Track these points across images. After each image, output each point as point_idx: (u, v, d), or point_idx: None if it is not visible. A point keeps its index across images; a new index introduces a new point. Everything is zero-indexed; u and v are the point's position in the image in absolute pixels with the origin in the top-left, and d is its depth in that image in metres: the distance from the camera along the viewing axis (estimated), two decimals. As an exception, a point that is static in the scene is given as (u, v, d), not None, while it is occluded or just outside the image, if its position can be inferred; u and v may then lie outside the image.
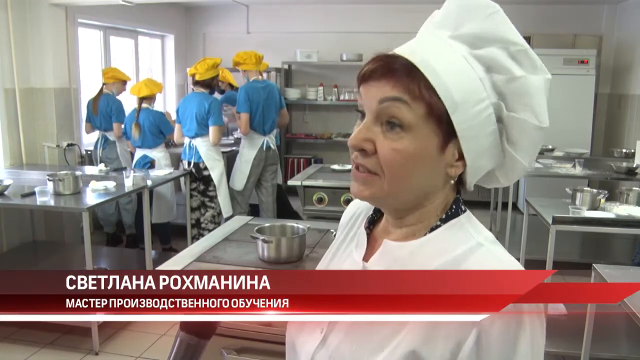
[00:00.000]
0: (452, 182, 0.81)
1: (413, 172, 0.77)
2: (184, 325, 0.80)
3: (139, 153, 5.08)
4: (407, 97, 0.74)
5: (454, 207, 0.83)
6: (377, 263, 0.83)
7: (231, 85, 5.91)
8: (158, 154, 5.02)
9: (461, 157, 0.78)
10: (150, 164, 5.02)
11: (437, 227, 0.82)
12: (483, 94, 0.76)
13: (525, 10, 7.09)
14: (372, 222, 0.91)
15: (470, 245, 0.78)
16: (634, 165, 4.71)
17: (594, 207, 3.46)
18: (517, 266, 0.77)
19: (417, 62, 0.75)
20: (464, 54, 0.77)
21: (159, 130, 4.99)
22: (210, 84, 4.75)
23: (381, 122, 0.77)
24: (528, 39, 7.11)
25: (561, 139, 6.21)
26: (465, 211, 0.85)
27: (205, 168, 4.73)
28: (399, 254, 0.81)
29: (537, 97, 0.77)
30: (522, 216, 4.25)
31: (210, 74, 4.71)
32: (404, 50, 0.77)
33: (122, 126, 5.12)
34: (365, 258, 0.86)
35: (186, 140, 4.77)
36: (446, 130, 0.76)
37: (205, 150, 4.70)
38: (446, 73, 0.75)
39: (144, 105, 5.02)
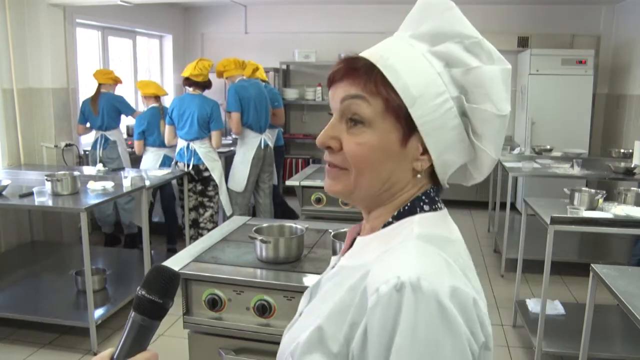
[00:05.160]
0: (419, 176, 0.82)
1: (378, 165, 0.80)
2: (137, 307, 0.81)
3: (159, 153, 5.04)
4: (365, 94, 0.78)
5: (408, 204, 0.83)
6: (345, 256, 0.89)
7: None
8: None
9: (426, 151, 0.81)
10: (176, 163, 4.96)
11: (389, 223, 0.83)
12: (442, 88, 0.79)
13: (523, 10, 7.10)
14: None
15: (405, 239, 0.78)
16: (632, 166, 4.72)
17: (592, 207, 3.46)
18: (424, 259, 0.73)
19: (375, 60, 0.79)
20: (423, 51, 0.81)
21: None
22: (207, 85, 4.76)
23: (345, 120, 0.81)
24: (526, 39, 7.17)
25: (559, 139, 6.22)
26: (430, 211, 0.83)
27: (206, 169, 4.72)
28: (356, 248, 0.87)
29: (494, 86, 0.80)
30: (520, 216, 4.26)
31: (207, 76, 4.73)
32: (366, 52, 0.82)
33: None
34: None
35: (182, 143, 4.73)
36: (406, 124, 0.79)
37: (205, 152, 4.68)
38: (404, 69, 0.78)
39: (155, 104, 5.05)
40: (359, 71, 0.79)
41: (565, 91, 6.39)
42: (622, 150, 5.75)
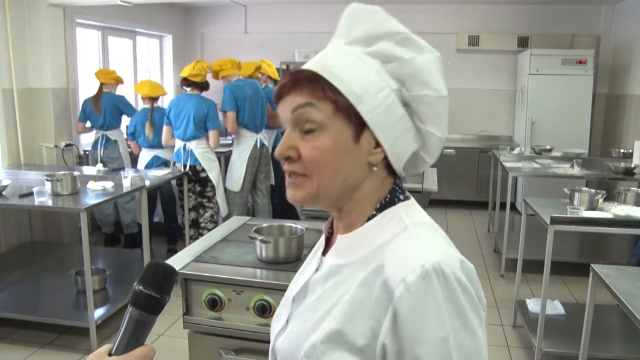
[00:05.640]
0: (375, 168, 0.87)
1: (336, 165, 0.84)
2: (134, 302, 0.83)
3: (148, 154, 5.04)
4: (314, 100, 0.84)
5: (388, 196, 0.90)
6: (329, 256, 0.93)
7: (272, 79, 5.69)
8: (172, 155, 5.00)
9: (378, 144, 0.86)
10: (165, 165, 4.98)
11: (373, 216, 0.89)
12: (382, 84, 0.85)
13: (523, 10, 7.10)
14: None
15: (398, 230, 0.84)
16: (632, 166, 4.72)
17: (592, 207, 3.46)
18: (432, 243, 0.82)
19: (320, 70, 0.85)
20: (358, 54, 0.87)
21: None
22: (205, 86, 4.76)
23: (299, 129, 0.85)
24: (526, 39, 7.17)
25: (559, 139, 6.23)
26: (404, 200, 0.90)
27: (203, 170, 4.72)
28: (343, 245, 0.90)
29: (429, 72, 0.86)
30: (520, 216, 4.26)
31: (205, 77, 4.74)
32: (308, 64, 0.87)
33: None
34: (325, 253, 0.96)
35: (179, 143, 4.72)
36: (356, 122, 0.84)
37: (201, 152, 4.68)
38: (345, 72, 0.84)
39: (147, 105, 5.03)
40: (304, 82, 0.84)
41: (565, 91, 6.39)
42: (622, 150, 5.75)
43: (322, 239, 1.01)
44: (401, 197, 0.90)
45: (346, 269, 0.86)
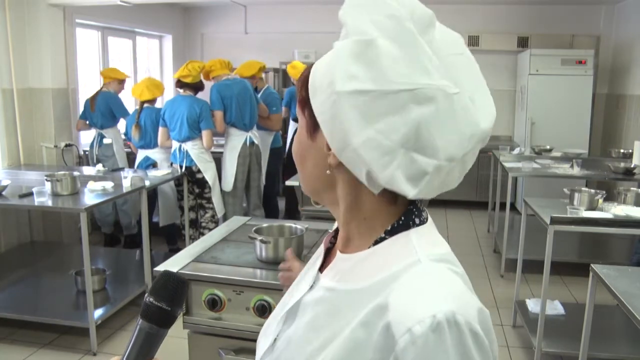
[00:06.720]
0: (328, 172, 0.77)
1: (300, 159, 0.83)
2: (144, 314, 0.80)
3: (140, 155, 5.06)
4: (301, 95, 0.80)
5: (402, 218, 0.77)
6: (326, 274, 0.83)
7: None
8: (160, 156, 5.00)
9: None
10: (153, 165, 5.01)
11: (382, 239, 0.77)
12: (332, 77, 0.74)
13: (523, 10, 7.10)
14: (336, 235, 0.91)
15: (410, 262, 0.72)
16: (632, 166, 4.72)
17: (592, 207, 3.46)
18: (449, 286, 0.70)
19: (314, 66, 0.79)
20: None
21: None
22: (198, 87, 4.77)
23: None
24: (526, 39, 7.16)
25: (559, 139, 6.23)
26: (420, 224, 0.78)
27: (199, 171, 4.72)
28: (343, 267, 0.80)
29: (334, 62, 0.71)
30: (520, 216, 4.26)
31: (199, 77, 4.75)
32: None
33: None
34: (322, 269, 0.86)
35: (175, 144, 4.74)
36: (309, 117, 0.78)
37: (197, 153, 4.68)
38: (318, 65, 0.77)
39: (145, 105, 5.03)
40: (303, 75, 0.81)
41: (565, 91, 6.39)
42: (621, 150, 5.75)
43: (322, 252, 0.91)
44: (417, 220, 0.77)
45: (342, 297, 0.76)
